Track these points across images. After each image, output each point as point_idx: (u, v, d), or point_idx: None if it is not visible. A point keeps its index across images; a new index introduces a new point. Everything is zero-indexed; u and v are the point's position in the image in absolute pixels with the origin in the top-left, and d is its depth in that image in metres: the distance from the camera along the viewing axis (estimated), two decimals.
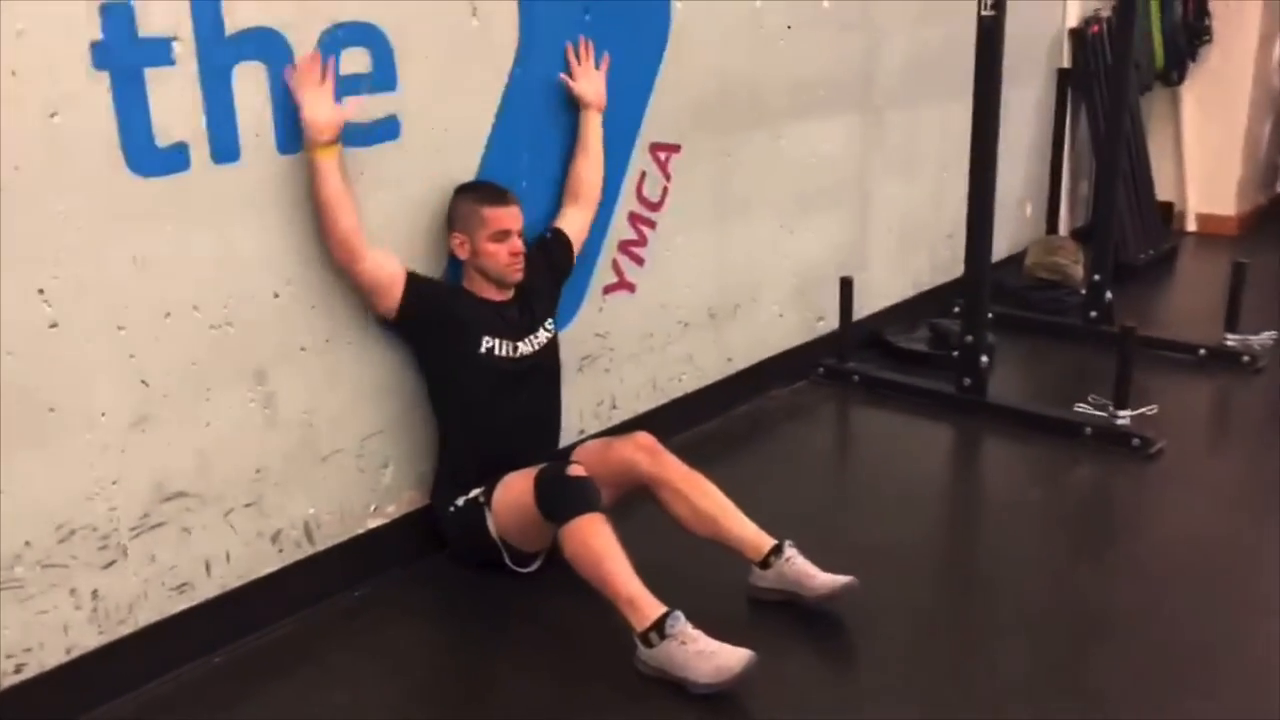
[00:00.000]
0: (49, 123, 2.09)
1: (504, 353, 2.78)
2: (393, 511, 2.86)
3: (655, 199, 3.40)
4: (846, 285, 4.05)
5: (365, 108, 2.58)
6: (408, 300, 2.65)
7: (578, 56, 3.05)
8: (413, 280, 2.67)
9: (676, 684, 2.34)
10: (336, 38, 2.50)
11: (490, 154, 2.88)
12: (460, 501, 2.78)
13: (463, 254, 2.76)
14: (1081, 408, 3.63)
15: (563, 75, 3.02)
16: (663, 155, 3.38)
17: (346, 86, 2.54)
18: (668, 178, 3.42)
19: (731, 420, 3.82)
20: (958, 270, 4.80)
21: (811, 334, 4.17)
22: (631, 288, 3.39)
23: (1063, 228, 5.61)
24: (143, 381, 2.31)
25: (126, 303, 2.26)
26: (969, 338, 3.77)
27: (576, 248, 3.04)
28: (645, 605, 2.40)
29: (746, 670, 2.31)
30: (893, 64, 4.21)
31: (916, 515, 3.18)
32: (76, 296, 2.18)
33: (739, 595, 2.69)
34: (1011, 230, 5.26)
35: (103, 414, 2.27)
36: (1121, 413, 3.51)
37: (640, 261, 3.40)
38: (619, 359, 3.40)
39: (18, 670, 2.23)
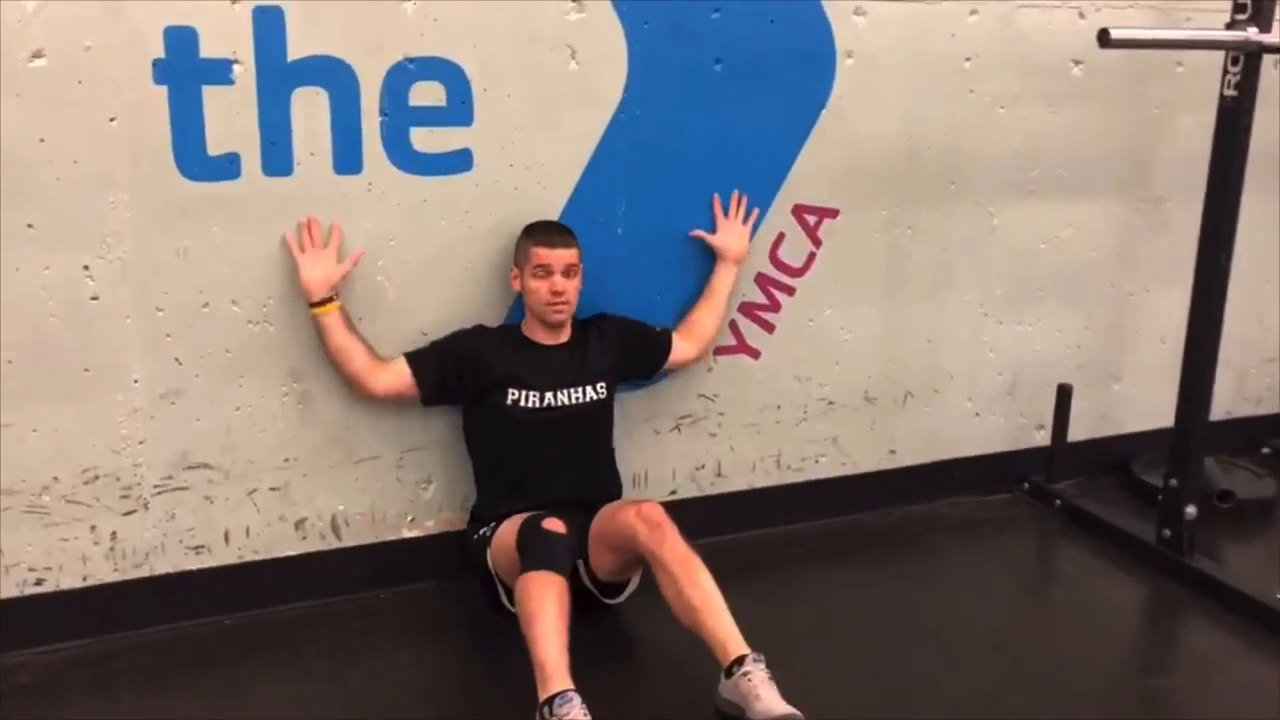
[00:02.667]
0: (107, 126, 2.44)
1: (530, 404, 2.76)
2: (431, 526, 2.96)
3: (797, 264, 3.17)
4: (1064, 394, 3.50)
5: (436, 139, 2.71)
6: (424, 388, 2.76)
7: (726, 210, 3.01)
8: (418, 369, 2.75)
9: None
10: (408, 71, 2.64)
11: (580, 197, 2.87)
12: (482, 532, 2.81)
13: (516, 288, 2.79)
14: None
15: (698, 233, 2.99)
16: (811, 218, 3.15)
17: (417, 118, 2.68)
18: (817, 243, 3.17)
19: (883, 519, 3.46)
20: (1277, 404, 4.01)
21: (1025, 443, 3.66)
22: (755, 353, 3.19)
23: None
24: (176, 359, 2.61)
25: (167, 289, 2.57)
26: (1173, 481, 3.09)
27: (669, 369, 3.03)
28: (551, 677, 2.30)
29: None
30: (1182, 146, 3.54)
31: (1008, 680, 2.66)
32: (119, 277, 2.52)
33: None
34: None
35: (135, 380, 2.59)
36: None
37: (769, 328, 3.19)
38: (730, 425, 3.22)
39: (38, 583, 2.62)
